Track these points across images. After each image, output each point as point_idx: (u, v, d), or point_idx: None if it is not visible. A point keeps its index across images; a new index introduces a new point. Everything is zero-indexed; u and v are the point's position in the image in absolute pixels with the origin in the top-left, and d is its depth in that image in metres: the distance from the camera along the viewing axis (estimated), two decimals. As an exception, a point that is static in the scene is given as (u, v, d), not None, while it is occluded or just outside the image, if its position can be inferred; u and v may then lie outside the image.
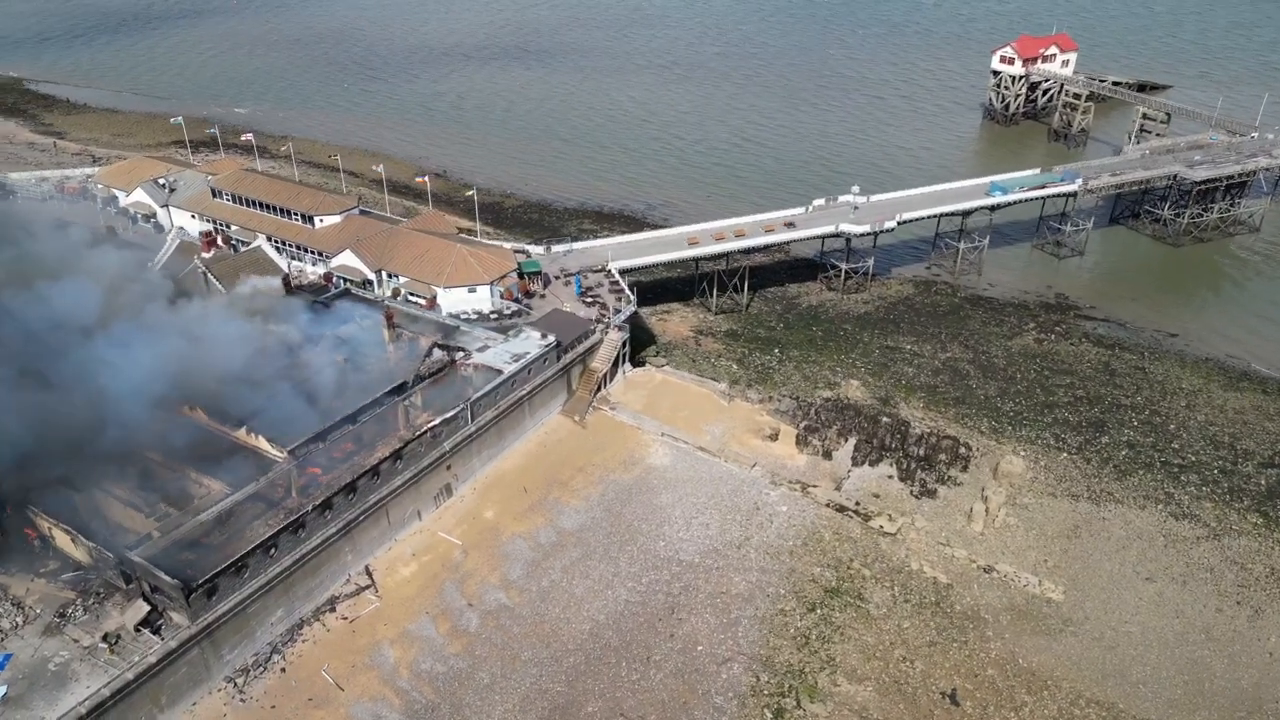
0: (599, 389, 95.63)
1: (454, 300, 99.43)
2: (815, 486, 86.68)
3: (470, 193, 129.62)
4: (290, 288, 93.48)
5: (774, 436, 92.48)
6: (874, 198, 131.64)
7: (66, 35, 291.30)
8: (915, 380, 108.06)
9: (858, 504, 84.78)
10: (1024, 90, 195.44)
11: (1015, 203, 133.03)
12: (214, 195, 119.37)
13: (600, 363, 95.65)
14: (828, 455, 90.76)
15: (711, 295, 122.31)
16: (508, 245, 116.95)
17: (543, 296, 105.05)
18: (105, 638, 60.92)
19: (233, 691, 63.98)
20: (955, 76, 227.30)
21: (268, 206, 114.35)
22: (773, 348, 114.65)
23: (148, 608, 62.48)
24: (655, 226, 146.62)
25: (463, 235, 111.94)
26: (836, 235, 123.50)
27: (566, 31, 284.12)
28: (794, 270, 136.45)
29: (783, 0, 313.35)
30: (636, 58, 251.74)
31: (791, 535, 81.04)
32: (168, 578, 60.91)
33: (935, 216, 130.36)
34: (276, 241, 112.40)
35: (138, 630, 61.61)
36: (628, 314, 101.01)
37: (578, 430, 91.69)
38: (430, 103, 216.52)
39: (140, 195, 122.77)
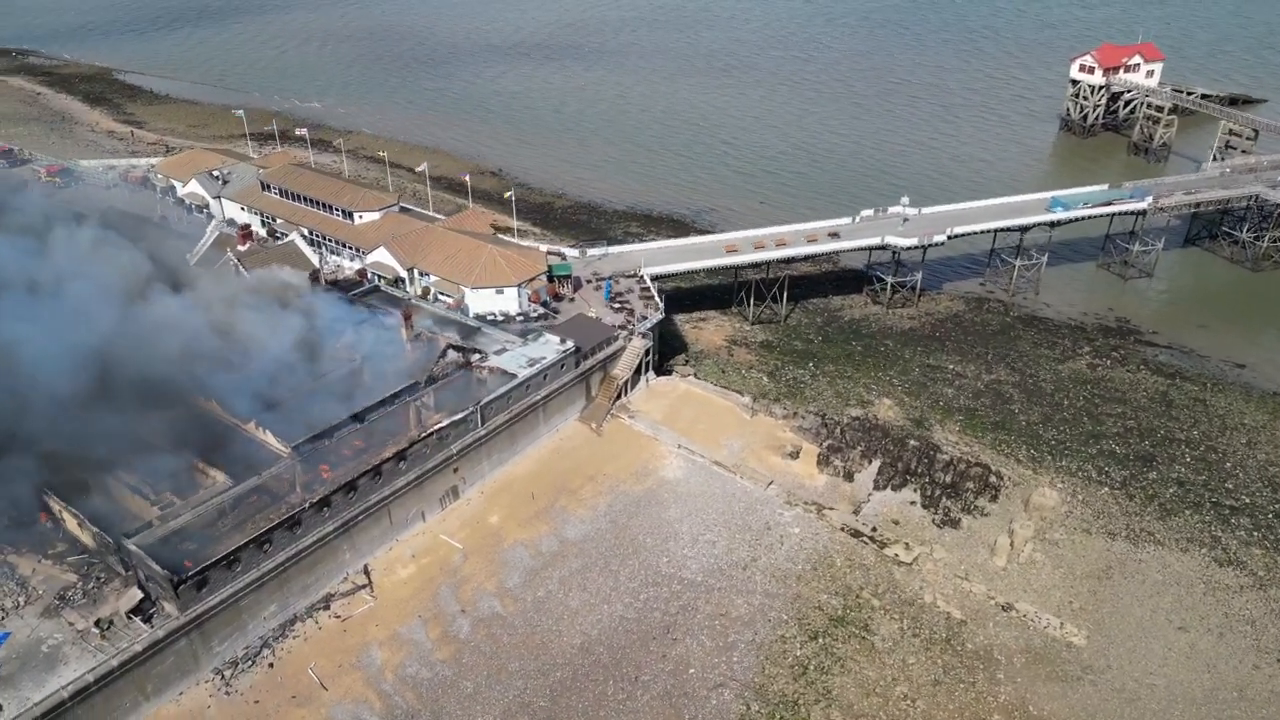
0: (619, 396, 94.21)
1: (481, 301, 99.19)
2: (832, 509, 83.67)
3: (508, 195, 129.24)
4: (318, 282, 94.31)
5: (795, 454, 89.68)
6: (925, 210, 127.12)
7: (152, 25, 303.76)
8: (954, 402, 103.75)
9: (874, 530, 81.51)
10: (1104, 101, 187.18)
11: (1077, 219, 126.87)
12: (263, 189, 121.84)
13: (622, 370, 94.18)
14: (849, 477, 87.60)
15: (749, 304, 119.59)
16: (544, 247, 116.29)
17: (571, 300, 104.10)
18: (98, 623, 62.00)
19: (219, 684, 64.54)
20: (1032, 85, 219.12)
21: (311, 201, 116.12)
22: (807, 361, 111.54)
23: (140, 595, 63.35)
24: (702, 232, 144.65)
25: (498, 236, 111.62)
26: (882, 248, 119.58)
27: (631, 31, 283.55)
28: (839, 282, 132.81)
29: (856, 3, 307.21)
30: (698, 60, 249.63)
31: (801, 559, 78.28)
32: (158, 568, 61.71)
33: (989, 232, 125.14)
34: (318, 236, 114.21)
35: (129, 617, 62.48)
36: (654, 322, 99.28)
37: (593, 438, 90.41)
38: (489, 101, 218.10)
39: (195, 186, 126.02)
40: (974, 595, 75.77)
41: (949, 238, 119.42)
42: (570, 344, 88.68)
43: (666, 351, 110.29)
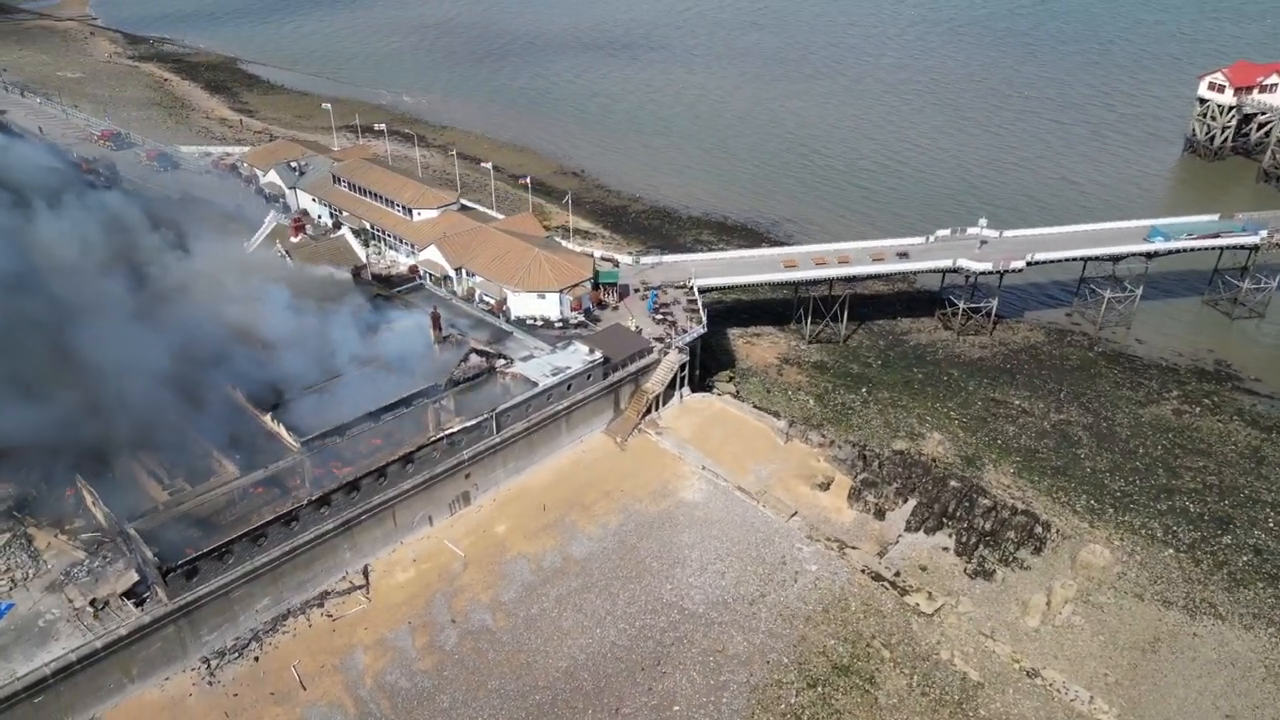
0: (649, 411, 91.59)
1: (522, 304, 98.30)
2: (855, 548, 78.87)
3: (566, 199, 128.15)
4: (359, 278, 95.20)
5: (825, 486, 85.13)
6: (1008, 233, 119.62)
7: (275, 12, 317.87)
8: (1014, 441, 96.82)
9: (897, 574, 76.34)
10: (1233, 123, 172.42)
11: (1178, 251, 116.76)
12: (334, 181, 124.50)
13: (654, 384, 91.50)
14: (880, 515, 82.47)
15: (806, 322, 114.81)
16: (598, 253, 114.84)
17: (615, 309, 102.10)
18: (93, 602, 63.56)
19: (204, 673, 65.31)
20: (1161, 103, 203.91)
21: (375, 196, 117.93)
22: (860, 386, 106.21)
23: (136, 579, 64.75)
24: (776, 243, 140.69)
25: (550, 239, 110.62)
26: (954, 270, 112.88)
27: (742, 33, 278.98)
28: (911, 303, 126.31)
29: (981, 11, 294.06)
30: (799, 64, 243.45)
31: (813, 599, 73.95)
32: (149, 554, 62.87)
33: (1076, 260, 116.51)
34: (378, 230, 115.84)
35: (123, 600, 63.86)
36: (693, 336, 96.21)
37: (616, 452, 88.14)
38: (582, 101, 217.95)
39: (273, 176, 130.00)
40: (997, 656, 69.89)
41: (1028, 264, 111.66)
42: (598, 354, 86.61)
43: (712, 366, 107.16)
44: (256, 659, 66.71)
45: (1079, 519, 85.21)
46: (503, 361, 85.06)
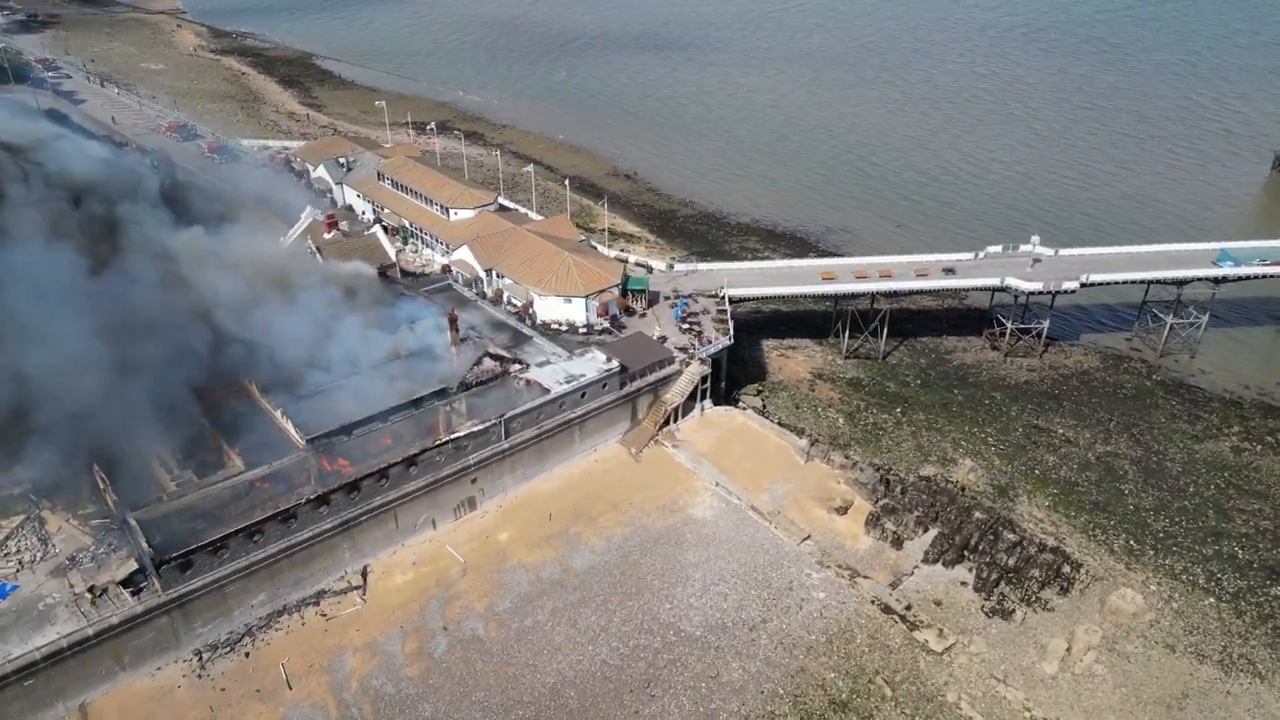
0: (667, 422, 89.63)
1: (548, 308, 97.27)
2: (867, 577, 75.62)
3: (602, 204, 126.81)
4: (385, 277, 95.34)
5: (843, 510, 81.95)
6: (1063, 251, 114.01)
7: (344, 4, 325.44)
8: (1053, 472, 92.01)
9: (909, 608, 72.86)
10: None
11: (1249, 278, 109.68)
12: (378, 178, 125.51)
13: (674, 395, 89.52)
14: (898, 543, 78.97)
15: (843, 336, 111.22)
16: (632, 258, 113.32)
17: (642, 316, 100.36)
18: (91, 589, 64.49)
19: (195, 665, 65.78)
20: (1248, 120, 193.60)
21: (415, 194, 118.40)
22: (895, 406, 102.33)
23: (134, 568, 65.48)
24: (824, 253, 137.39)
25: (581, 243, 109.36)
26: (1001, 290, 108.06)
27: (805, 35, 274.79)
28: (959, 320, 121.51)
29: (1060, 15, 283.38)
30: (866, 69, 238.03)
31: (818, 628, 71.05)
32: (145, 544, 63.57)
33: (1136, 283, 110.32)
34: (416, 228, 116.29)
35: (119, 587, 64.66)
36: (718, 348, 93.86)
37: (629, 463, 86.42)
38: (641, 103, 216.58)
39: (322, 171, 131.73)
40: (1007, 703, 66.01)
41: (1082, 285, 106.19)
42: (615, 363, 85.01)
43: (741, 378, 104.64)
44: (247, 654, 66.94)
45: (1114, 559, 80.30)
46: (518, 366, 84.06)
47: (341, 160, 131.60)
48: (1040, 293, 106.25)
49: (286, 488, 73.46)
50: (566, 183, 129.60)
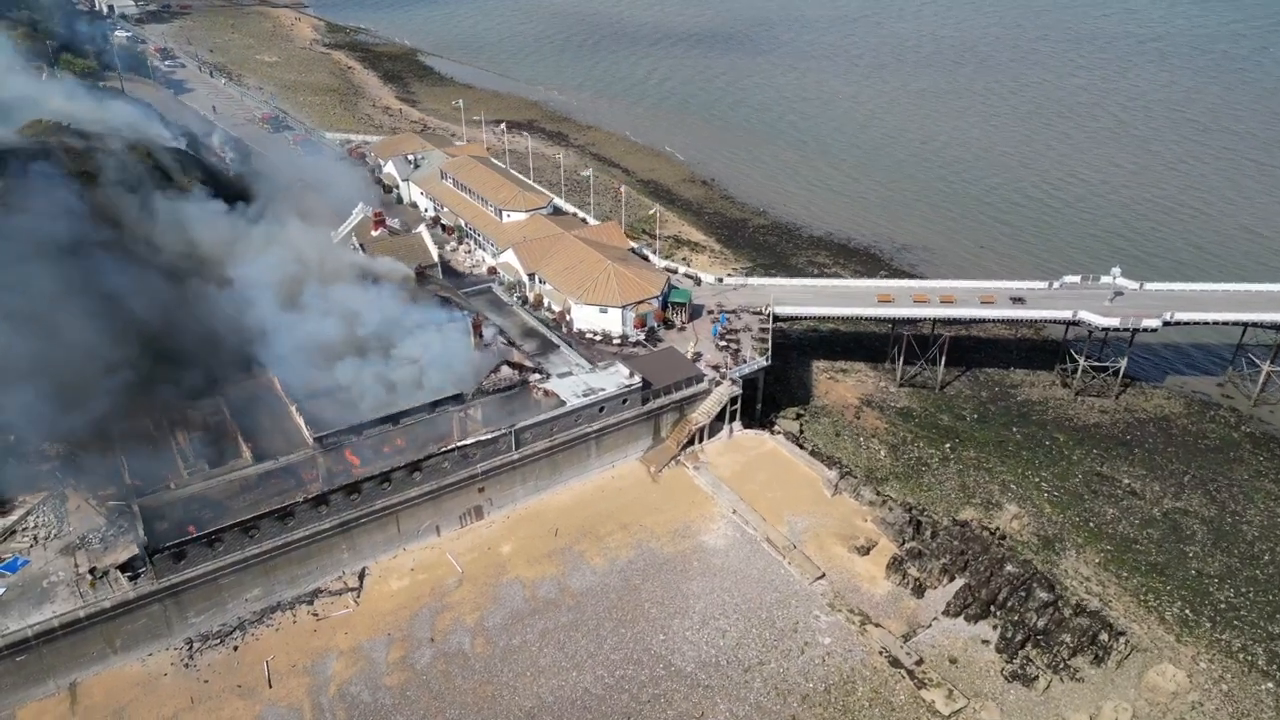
0: (691, 442, 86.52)
1: (585, 317, 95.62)
2: (879, 625, 70.81)
3: (652, 211, 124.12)
4: (423, 277, 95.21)
5: (865, 550, 77.19)
6: (1149, 285, 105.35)
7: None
8: (1110, 526, 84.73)
9: (920, 662, 67.79)
10: None
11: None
12: (441, 177, 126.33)
13: (700, 415, 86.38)
14: (919, 591, 73.77)
15: (898, 362, 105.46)
16: (681, 269, 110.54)
17: (681, 329, 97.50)
18: (92, 571, 66.09)
19: (185, 654, 66.62)
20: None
21: (474, 194, 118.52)
22: (945, 441, 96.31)
23: (134, 553, 66.72)
24: (899, 273, 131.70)
25: (629, 252, 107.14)
26: (1072, 323, 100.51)
27: (917, 43, 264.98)
28: (1030, 353, 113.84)
29: (1199, 31, 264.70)
30: (976, 80, 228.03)
31: (818, 675, 66.84)
32: (141, 532, 64.68)
33: (1229, 324, 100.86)
34: (470, 228, 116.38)
35: (118, 572, 66.00)
36: (752, 369, 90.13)
37: (646, 482, 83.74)
38: (731, 108, 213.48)
39: (391, 168, 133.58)
40: (1014, 779, 60.57)
41: (1165, 324, 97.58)
42: (637, 378, 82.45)
43: (782, 399, 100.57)
44: (236, 648, 67.41)
45: (1164, 629, 73.06)
46: (537, 376, 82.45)
47: (409, 157, 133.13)
48: (1116, 330, 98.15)
49: (296, 483, 74.01)
50: (622, 189, 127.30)
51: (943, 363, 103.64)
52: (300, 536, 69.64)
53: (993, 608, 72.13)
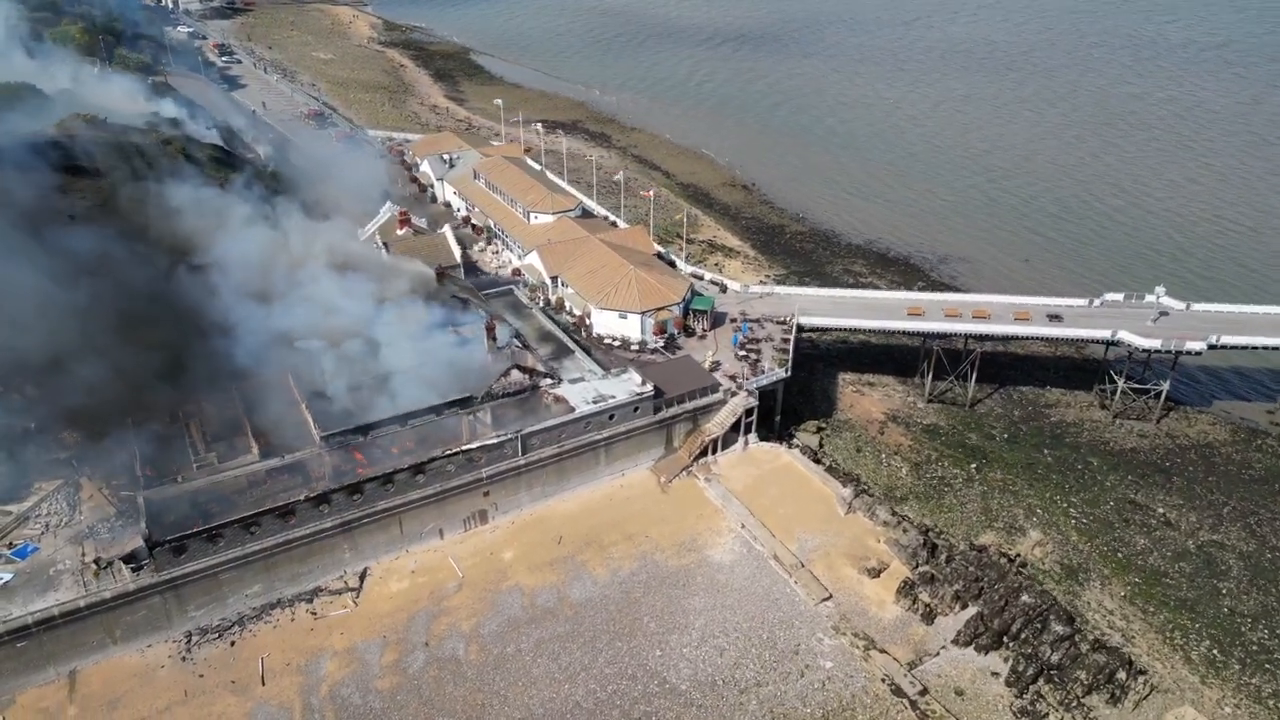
0: (704, 453, 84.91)
1: (604, 322, 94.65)
2: (884, 651, 68.46)
3: (680, 215, 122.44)
4: (443, 278, 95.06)
5: (876, 572, 74.80)
6: (1196, 306, 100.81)
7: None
8: (1140, 558, 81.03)
9: (924, 692, 65.32)
10: None
11: None
12: (474, 177, 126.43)
13: (714, 426, 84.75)
14: (929, 618, 71.20)
15: (927, 377, 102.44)
16: (708, 276, 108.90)
17: (702, 337, 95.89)
18: (96, 561, 66.95)
19: (183, 647, 67.12)
20: None
21: (504, 195, 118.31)
22: (971, 461, 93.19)
23: (138, 545, 67.42)
24: (937, 285, 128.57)
25: (653, 257, 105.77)
26: (1111, 344, 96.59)
27: (971, 48, 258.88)
28: (1068, 371, 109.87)
29: (1270, 36, 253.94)
30: (1028, 86, 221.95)
31: (816, 700, 64.81)
32: (144, 525, 65.32)
33: (1277, 349, 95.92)
34: (499, 229, 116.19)
35: (122, 563, 66.75)
36: (770, 380, 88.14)
37: (656, 492, 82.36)
38: (776, 111, 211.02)
39: (426, 166, 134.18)
40: (1014, 822, 57.89)
41: (1210, 347, 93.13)
42: (649, 386, 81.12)
43: (804, 411, 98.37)
44: (233, 643, 67.70)
45: (1189, 669, 69.45)
46: (548, 381, 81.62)
47: (445, 156, 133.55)
48: (1157, 351, 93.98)
49: (305, 480, 74.22)
50: (650, 193, 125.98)
51: (974, 379, 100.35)
52: (301, 535, 69.71)
53: (1005, 639, 69.29)
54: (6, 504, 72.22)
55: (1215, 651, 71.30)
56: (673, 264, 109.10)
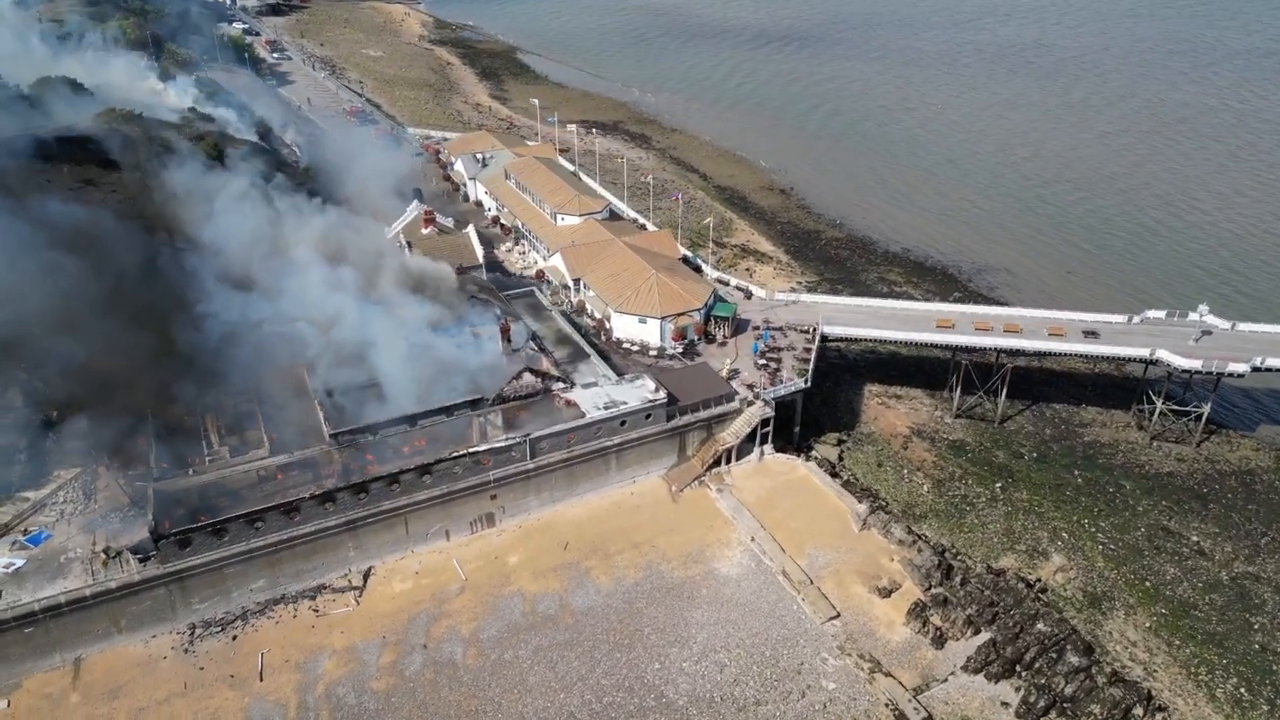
0: (718, 463, 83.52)
1: (623, 326, 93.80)
2: (890, 675, 66.44)
3: (709, 220, 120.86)
4: (463, 277, 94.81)
5: (887, 592, 72.73)
6: (1242, 325, 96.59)
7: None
8: (1168, 588, 77.74)
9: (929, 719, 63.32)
10: None
11: None
12: (505, 177, 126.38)
13: (728, 436, 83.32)
14: (939, 642, 68.97)
15: (955, 391, 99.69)
16: (734, 281, 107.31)
17: (722, 344, 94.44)
18: (105, 550, 67.86)
19: (186, 639, 67.71)
20: None
21: (533, 196, 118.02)
22: (996, 479, 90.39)
23: (145, 535, 68.17)
24: (974, 295, 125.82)
25: (678, 261, 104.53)
26: (1150, 363, 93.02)
27: (1022, 52, 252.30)
28: (1106, 389, 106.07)
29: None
30: (1084, 92, 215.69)
31: (816, 723, 63.19)
32: (150, 517, 66.03)
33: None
34: (526, 230, 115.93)
35: (131, 554, 67.55)
36: (788, 390, 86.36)
37: (666, 501, 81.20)
38: (818, 116, 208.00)
39: (459, 165, 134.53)
40: None
41: (1254, 369, 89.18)
42: (662, 394, 79.99)
43: (826, 422, 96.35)
44: (235, 637, 68.13)
45: (1213, 708, 66.31)
46: (560, 385, 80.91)
47: (478, 156, 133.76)
48: (1197, 372, 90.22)
49: (315, 477, 74.52)
50: (679, 198, 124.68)
51: (1004, 394, 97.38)
52: (306, 532, 69.93)
53: (1018, 667, 66.84)
54: (25, 490, 73.65)
55: (1243, 690, 68.01)
56: (699, 269, 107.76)
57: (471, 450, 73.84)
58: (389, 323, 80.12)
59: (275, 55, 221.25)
